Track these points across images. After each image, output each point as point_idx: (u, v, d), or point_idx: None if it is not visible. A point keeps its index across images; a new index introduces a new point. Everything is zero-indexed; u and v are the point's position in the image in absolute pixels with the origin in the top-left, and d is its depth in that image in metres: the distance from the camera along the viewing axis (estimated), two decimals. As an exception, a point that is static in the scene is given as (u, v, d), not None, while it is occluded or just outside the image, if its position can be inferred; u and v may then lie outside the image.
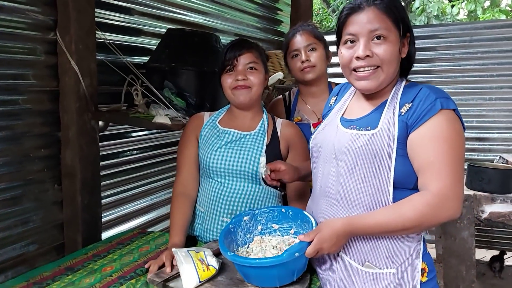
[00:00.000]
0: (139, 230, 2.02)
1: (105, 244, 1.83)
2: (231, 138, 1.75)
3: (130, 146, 2.48)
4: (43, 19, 1.90)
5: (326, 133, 1.47)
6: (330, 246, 1.29)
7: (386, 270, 1.32)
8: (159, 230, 2.76)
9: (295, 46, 2.04)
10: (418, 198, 1.24)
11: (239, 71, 1.71)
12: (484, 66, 3.78)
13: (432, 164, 1.23)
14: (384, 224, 1.26)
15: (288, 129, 1.82)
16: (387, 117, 1.31)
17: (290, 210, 1.55)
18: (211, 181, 1.77)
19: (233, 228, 1.50)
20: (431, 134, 1.24)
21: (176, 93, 2.09)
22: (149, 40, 2.57)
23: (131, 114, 1.97)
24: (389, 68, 1.31)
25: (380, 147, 1.28)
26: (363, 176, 1.31)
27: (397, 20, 1.30)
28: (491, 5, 8.72)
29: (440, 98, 1.25)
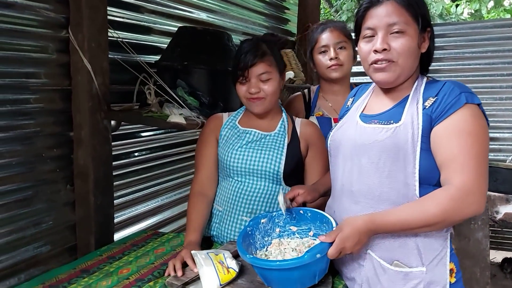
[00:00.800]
0: (153, 231, 1.98)
1: (119, 246, 1.80)
2: (252, 138, 1.73)
3: (140, 146, 2.45)
4: (55, 17, 1.86)
5: (345, 130, 1.45)
6: (353, 245, 1.25)
7: (416, 268, 1.28)
8: (170, 230, 2.73)
9: (324, 42, 2.01)
10: (441, 193, 1.21)
11: (252, 83, 1.67)
12: (494, 65, 3.74)
13: (456, 158, 1.21)
14: (407, 221, 1.23)
15: (307, 128, 1.79)
16: (410, 110, 1.29)
17: (308, 212, 1.52)
18: (230, 180, 1.75)
19: (250, 231, 1.47)
20: (455, 127, 1.22)
21: (189, 92, 2.06)
22: (158, 38, 2.54)
23: (144, 113, 1.94)
24: (406, 62, 1.29)
25: (404, 140, 1.25)
26: (388, 170, 1.28)
27: (417, 14, 1.28)
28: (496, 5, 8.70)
29: (465, 93, 1.24)
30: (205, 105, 2.05)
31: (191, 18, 2.80)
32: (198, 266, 1.38)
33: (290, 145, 1.73)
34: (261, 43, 1.70)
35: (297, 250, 1.43)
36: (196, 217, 1.70)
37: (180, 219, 2.84)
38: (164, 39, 2.56)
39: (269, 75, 1.67)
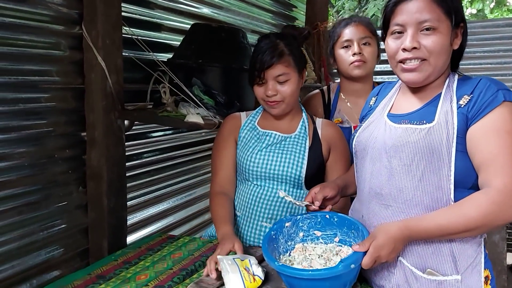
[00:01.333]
0: (167, 235, 1.92)
1: (134, 250, 1.74)
2: (272, 140, 1.67)
3: (151, 146, 2.38)
4: (68, 12, 1.79)
5: (372, 130, 1.38)
6: (388, 254, 1.19)
7: (451, 277, 1.22)
8: (182, 232, 2.67)
9: (348, 37, 1.93)
10: (482, 196, 1.14)
11: (269, 85, 1.61)
12: (506, 64, 3.68)
13: (495, 158, 1.14)
14: (445, 226, 1.16)
15: (329, 129, 1.73)
16: (444, 109, 1.23)
17: (335, 216, 1.45)
18: (249, 184, 1.69)
19: (274, 235, 1.41)
20: (493, 126, 1.16)
21: (204, 91, 2.00)
22: (168, 35, 2.47)
23: (160, 113, 1.87)
24: (438, 60, 1.23)
25: (438, 141, 1.19)
26: (421, 173, 1.22)
27: (450, 9, 1.22)
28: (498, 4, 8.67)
29: (502, 90, 1.18)
30: (221, 104, 1.98)
31: (199, 14, 2.73)
32: (224, 272, 1.32)
33: (312, 148, 1.67)
34: (279, 42, 1.62)
35: (324, 257, 1.36)
36: (223, 212, 1.62)
37: (192, 220, 2.78)
38: (174, 36, 2.50)
39: (287, 77, 1.61)
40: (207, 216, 2.96)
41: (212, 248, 1.76)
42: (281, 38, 1.65)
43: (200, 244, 1.80)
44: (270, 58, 1.58)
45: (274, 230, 1.42)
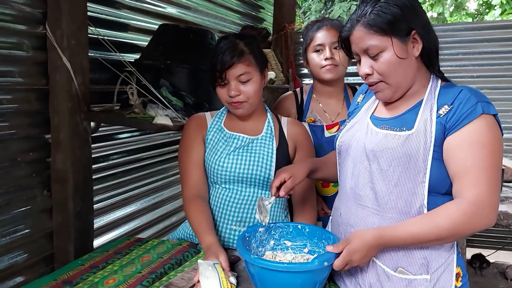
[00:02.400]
0: (136, 238, 1.90)
1: (101, 254, 1.71)
2: (240, 143, 1.67)
3: (117, 148, 2.34)
4: (31, 12, 1.74)
5: (355, 131, 1.41)
6: (360, 259, 1.23)
7: (420, 276, 1.27)
8: (150, 235, 2.64)
9: (320, 41, 1.97)
10: (454, 207, 1.19)
11: (231, 86, 1.59)
12: (465, 67, 3.83)
13: (469, 170, 1.18)
14: (418, 235, 1.21)
15: (294, 128, 1.75)
16: (423, 117, 1.26)
17: (306, 227, 1.49)
18: (218, 188, 1.69)
19: (248, 237, 1.42)
20: (470, 138, 1.19)
21: (172, 93, 1.99)
22: (135, 35, 2.44)
23: (127, 114, 1.85)
24: (395, 78, 1.26)
25: (415, 149, 1.23)
26: (397, 178, 1.26)
27: (387, 30, 1.22)
28: (457, 8, 8.99)
29: (482, 102, 1.20)
30: (190, 105, 1.98)
31: (166, 14, 2.71)
32: (203, 277, 1.31)
33: (279, 148, 1.69)
34: (239, 42, 1.62)
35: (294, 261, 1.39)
36: (203, 219, 1.57)
37: (160, 222, 2.75)
38: (141, 36, 2.47)
39: (249, 76, 1.60)
40: (175, 218, 2.94)
41: (182, 250, 1.76)
42: (240, 38, 1.65)
43: (169, 247, 1.79)
44: (231, 58, 1.56)
45: (248, 232, 1.43)
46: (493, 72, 3.77)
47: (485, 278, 3.70)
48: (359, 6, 1.28)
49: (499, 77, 3.76)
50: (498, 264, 3.90)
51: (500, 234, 4.02)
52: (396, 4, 1.22)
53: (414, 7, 1.25)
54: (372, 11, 1.22)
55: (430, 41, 1.27)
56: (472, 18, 8.84)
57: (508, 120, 3.75)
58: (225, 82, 1.60)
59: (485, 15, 8.40)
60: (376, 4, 1.23)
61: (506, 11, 7.83)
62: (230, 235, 1.67)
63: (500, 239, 4.05)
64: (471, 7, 9.14)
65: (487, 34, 3.77)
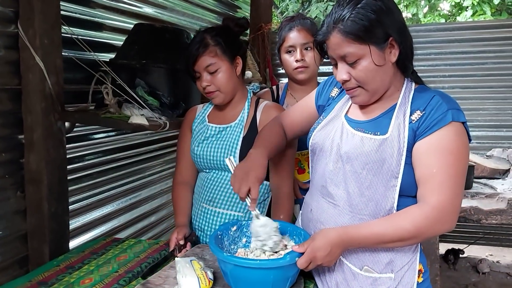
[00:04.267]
0: (112, 238, 1.89)
1: (77, 255, 1.71)
2: (209, 133, 1.77)
3: (93, 149, 2.32)
4: (3, 10, 1.72)
5: (329, 131, 1.42)
6: (324, 256, 1.24)
7: (385, 274, 1.30)
8: (127, 236, 2.62)
9: (291, 42, 1.99)
10: (417, 211, 1.22)
11: (202, 78, 1.69)
12: (437, 67, 3.93)
13: (434, 176, 1.20)
14: (381, 235, 1.24)
15: (268, 113, 1.74)
16: (397, 122, 1.27)
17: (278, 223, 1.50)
18: (202, 172, 1.82)
19: (220, 235, 1.44)
20: (437, 145, 1.21)
21: (148, 92, 1.98)
22: (109, 35, 2.43)
23: (102, 114, 1.84)
24: (372, 83, 1.27)
25: (390, 154, 1.25)
26: (369, 182, 1.28)
27: (364, 38, 1.21)
28: (431, 9, 9.17)
29: (452, 110, 1.21)
30: (166, 105, 1.98)
31: (142, 14, 2.71)
32: (181, 274, 1.32)
33: (247, 136, 1.71)
34: (205, 35, 1.69)
35: None
36: (182, 203, 1.81)
37: (137, 222, 2.73)
38: (116, 36, 2.45)
39: (216, 66, 1.66)
40: (153, 218, 2.93)
41: (159, 249, 1.76)
42: (208, 31, 1.71)
43: (146, 246, 1.80)
44: (195, 51, 1.65)
45: (220, 230, 1.44)
46: (464, 72, 3.88)
47: (457, 272, 3.80)
48: (334, 9, 1.26)
49: (469, 76, 3.87)
50: (470, 258, 4.01)
51: (472, 229, 4.14)
52: (373, 9, 1.20)
53: (390, 9, 1.23)
54: (349, 17, 1.19)
55: (406, 44, 1.26)
56: (446, 19, 9.00)
57: (478, 118, 3.86)
58: (197, 75, 1.70)
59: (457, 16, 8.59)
60: (353, 9, 1.20)
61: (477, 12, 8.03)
62: (201, 212, 1.78)
63: (472, 234, 4.16)
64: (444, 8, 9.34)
65: (459, 34, 3.87)
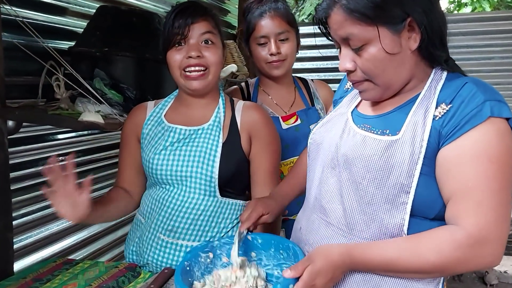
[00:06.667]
0: (64, 259, 1.57)
1: (16, 282, 1.39)
2: (178, 136, 1.41)
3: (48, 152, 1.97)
4: None
5: (330, 128, 1.13)
6: (325, 283, 0.95)
7: None
8: (85, 256, 2.25)
9: (263, 32, 1.69)
10: (446, 236, 0.91)
11: (191, 46, 1.36)
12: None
13: (471, 192, 0.90)
14: (394, 263, 0.94)
15: (250, 114, 1.46)
16: (414, 120, 0.97)
17: (258, 238, 1.22)
18: (157, 188, 1.44)
19: (189, 266, 1.14)
20: (473, 150, 0.90)
21: (110, 85, 1.68)
22: (75, 21, 2.10)
23: (51, 111, 1.53)
24: (383, 78, 0.98)
25: (399, 161, 0.94)
26: (371, 196, 0.98)
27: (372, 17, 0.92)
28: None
29: (491, 101, 0.91)
30: (131, 100, 1.68)
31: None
32: None
33: (227, 142, 1.41)
34: (201, 2, 1.44)
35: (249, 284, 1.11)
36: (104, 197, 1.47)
37: (98, 239, 2.36)
38: (78, 21, 2.13)
39: (213, 38, 1.39)
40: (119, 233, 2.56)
41: (117, 274, 1.44)
42: None
43: (103, 270, 1.48)
44: (195, 13, 1.37)
45: (188, 260, 1.14)
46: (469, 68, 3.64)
47: (463, 283, 3.54)
48: None
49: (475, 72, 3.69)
50: (476, 269, 3.76)
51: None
52: None
53: None
54: None
55: (432, 27, 0.95)
56: (443, 15, 8.80)
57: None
58: (184, 42, 1.37)
59: (456, 13, 8.37)
60: None
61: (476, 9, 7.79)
62: (157, 244, 1.42)
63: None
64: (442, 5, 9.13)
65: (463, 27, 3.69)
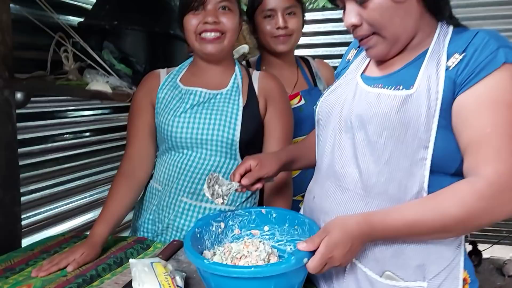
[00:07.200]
0: (72, 233, 1.55)
1: (23, 254, 1.37)
2: (198, 99, 1.39)
3: (62, 129, 1.97)
4: None
5: (340, 94, 1.09)
6: (343, 255, 0.89)
7: (414, 283, 0.94)
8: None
9: (271, 5, 1.65)
10: (467, 188, 0.86)
11: (209, 11, 1.34)
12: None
13: (488, 139, 0.85)
14: (417, 225, 0.89)
15: (267, 81, 1.47)
16: (427, 73, 0.93)
17: (273, 212, 1.17)
18: (173, 154, 1.42)
19: (199, 233, 1.09)
20: (489, 96, 0.87)
21: (120, 58, 1.65)
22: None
23: (59, 82, 1.50)
24: (390, 28, 0.95)
25: (415, 114, 0.90)
26: (389, 154, 0.93)
27: None
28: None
29: (504, 48, 0.87)
30: (140, 73, 1.65)
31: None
32: (136, 282, 0.98)
33: (247, 106, 1.41)
34: None
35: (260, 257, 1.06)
36: (112, 205, 1.38)
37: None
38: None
39: (231, 5, 1.37)
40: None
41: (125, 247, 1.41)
42: None
43: (111, 243, 1.45)
44: None
45: (199, 227, 1.10)
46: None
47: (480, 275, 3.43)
48: None
49: None
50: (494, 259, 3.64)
51: (495, 228, 3.77)
52: None
53: None
54: None
55: None
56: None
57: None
58: (201, 8, 1.34)
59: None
60: None
61: None
62: (179, 207, 1.40)
63: (495, 233, 3.80)
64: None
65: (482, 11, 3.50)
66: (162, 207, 1.44)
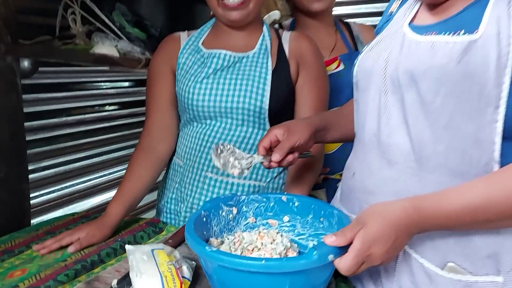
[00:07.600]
0: (82, 213, 1.43)
1: (27, 234, 1.27)
2: (222, 63, 1.26)
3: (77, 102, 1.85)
4: None
5: (383, 48, 0.90)
6: (384, 252, 0.71)
7: (486, 277, 0.76)
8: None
9: None
10: None
11: None
12: None
13: None
14: (483, 208, 0.71)
15: (299, 42, 1.32)
16: (496, 13, 0.74)
17: (295, 200, 1.00)
18: (195, 125, 1.29)
19: (206, 217, 0.93)
20: None
21: (133, 22, 1.50)
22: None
23: (64, 46, 1.37)
24: None
25: (482, 65, 0.72)
26: (449, 116, 0.75)
27: None
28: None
29: None
30: (155, 38, 1.49)
31: None
32: (134, 271, 0.83)
33: (277, 69, 1.27)
34: None
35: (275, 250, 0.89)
36: (129, 183, 1.25)
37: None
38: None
39: None
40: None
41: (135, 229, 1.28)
42: None
43: (121, 225, 1.31)
44: None
45: (206, 210, 0.94)
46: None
47: None
48: None
49: None
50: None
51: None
52: None
53: None
54: None
55: None
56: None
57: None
58: None
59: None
60: None
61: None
62: (204, 184, 1.27)
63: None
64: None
65: None
66: (185, 184, 1.31)
